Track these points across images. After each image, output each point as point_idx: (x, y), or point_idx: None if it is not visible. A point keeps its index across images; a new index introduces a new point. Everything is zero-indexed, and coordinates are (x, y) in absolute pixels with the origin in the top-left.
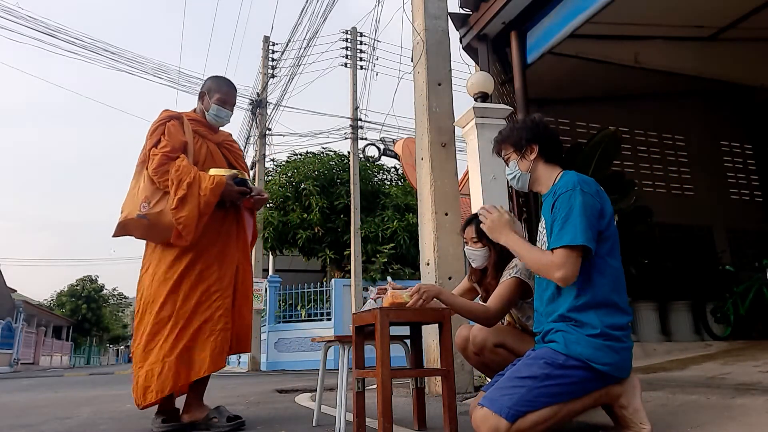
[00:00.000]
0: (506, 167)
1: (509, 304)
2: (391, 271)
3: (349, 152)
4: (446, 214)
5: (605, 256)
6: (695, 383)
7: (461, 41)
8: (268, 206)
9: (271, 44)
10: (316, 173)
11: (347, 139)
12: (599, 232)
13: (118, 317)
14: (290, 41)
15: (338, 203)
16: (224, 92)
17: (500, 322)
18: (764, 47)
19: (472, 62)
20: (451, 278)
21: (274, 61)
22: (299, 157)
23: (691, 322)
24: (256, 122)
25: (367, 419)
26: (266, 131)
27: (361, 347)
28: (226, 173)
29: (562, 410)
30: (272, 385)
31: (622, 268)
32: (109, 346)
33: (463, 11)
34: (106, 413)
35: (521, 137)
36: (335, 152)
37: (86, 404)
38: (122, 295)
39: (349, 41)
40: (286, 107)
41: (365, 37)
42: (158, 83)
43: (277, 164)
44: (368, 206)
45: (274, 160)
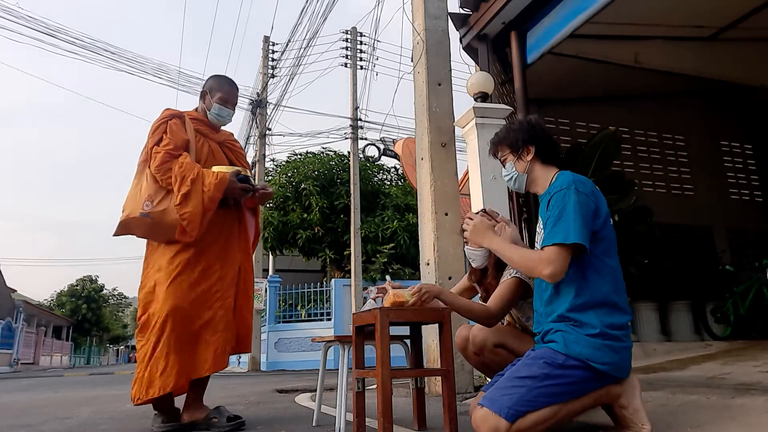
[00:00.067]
0: (503, 169)
1: (510, 304)
2: (391, 271)
3: (349, 152)
4: (446, 214)
5: (601, 255)
6: (695, 383)
7: (461, 41)
8: (268, 206)
9: (271, 44)
10: (316, 173)
11: (347, 139)
12: (594, 231)
13: (118, 317)
14: (290, 41)
15: (338, 203)
16: (226, 91)
17: (500, 322)
18: (764, 47)
19: (472, 62)
20: (451, 278)
21: (274, 61)
22: (299, 157)
23: (691, 322)
24: (256, 122)
25: (367, 419)
26: (266, 131)
27: (361, 347)
28: (229, 170)
29: (561, 410)
30: (272, 385)
31: (620, 267)
32: (109, 346)
33: (463, 11)
34: (106, 413)
35: (518, 138)
36: (335, 152)
37: (86, 404)
38: (122, 295)
39: (349, 41)
40: (286, 107)
41: (365, 37)
42: (158, 83)
43: (277, 164)
44: (368, 206)
45: (274, 160)
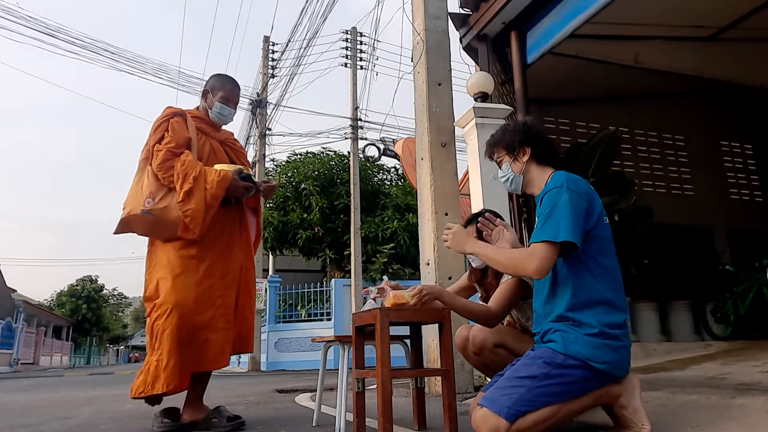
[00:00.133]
0: (499, 170)
1: (511, 304)
2: (391, 271)
3: (349, 152)
4: (446, 214)
5: (595, 255)
6: (695, 383)
7: (461, 41)
8: (268, 206)
9: (271, 44)
10: (316, 173)
11: (347, 139)
12: (587, 231)
13: (118, 317)
14: (290, 41)
15: (338, 203)
16: (228, 90)
17: (500, 322)
18: (764, 47)
19: (472, 62)
20: (450, 278)
21: (274, 61)
22: (299, 157)
23: (691, 322)
24: (256, 122)
25: (367, 419)
26: (266, 131)
27: (361, 347)
28: (231, 168)
29: (561, 410)
30: (272, 385)
31: (617, 266)
32: (109, 346)
33: (463, 11)
34: (106, 413)
35: (513, 140)
36: (335, 152)
37: (86, 404)
38: (122, 295)
39: (349, 41)
40: (286, 107)
41: (365, 37)
42: (158, 83)
43: (277, 164)
44: (368, 206)
45: (274, 160)
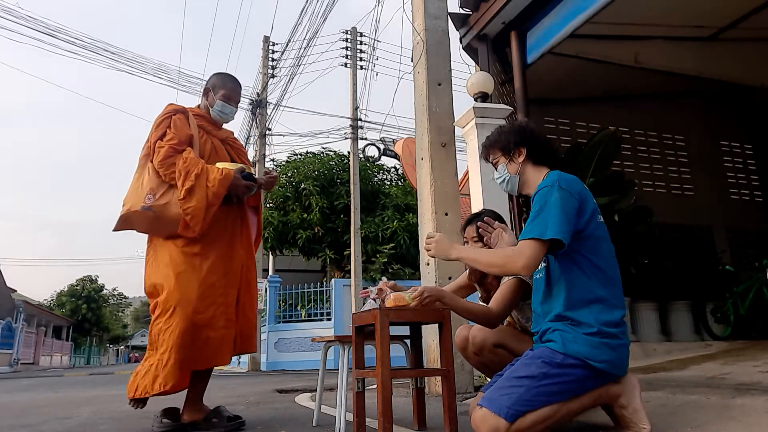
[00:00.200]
0: (495, 171)
1: (512, 305)
2: (391, 271)
3: (349, 152)
4: (446, 214)
5: (587, 254)
6: (695, 383)
7: (461, 41)
8: (268, 206)
9: (271, 44)
10: (316, 173)
11: (347, 139)
12: (579, 230)
13: (118, 317)
14: (290, 41)
15: (338, 203)
16: (229, 88)
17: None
18: (764, 47)
19: (472, 62)
20: (451, 278)
21: (274, 61)
22: (299, 157)
23: (691, 322)
24: (256, 122)
25: (367, 419)
26: (266, 131)
27: (361, 347)
28: (233, 167)
29: (561, 409)
30: (272, 385)
31: (613, 264)
32: (109, 346)
33: (463, 11)
34: (106, 413)
35: (509, 141)
36: (335, 152)
37: (86, 404)
38: (122, 295)
39: (349, 41)
40: (286, 107)
41: (365, 37)
42: (158, 83)
43: (277, 164)
44: (368, 206)
45: (274, 160)
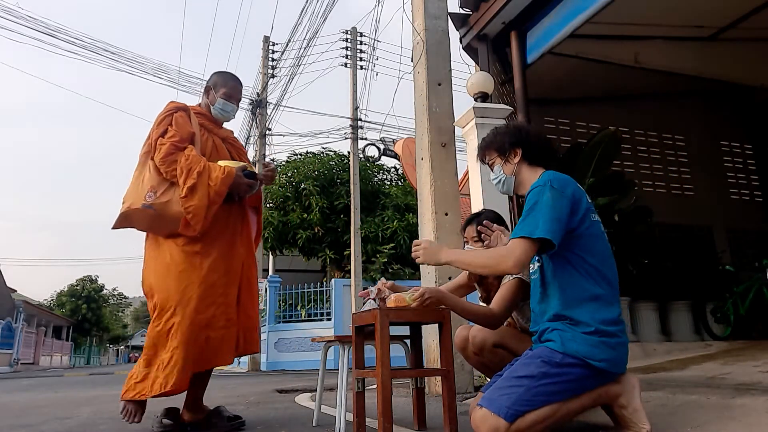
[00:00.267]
0: (491, 173)
1: (513, 305)
2: (391, 271)
3: (349, 152)
4: (446, 214)
5: (581, 253)
6: (695, 383)
7: (461, 41)
8: (268, 206)
9: (271, 44)
10: (316, 173)
11: (347, 139)
12: (572, 229)
13: (118, 317)
14: (290, 41)
15: (338, 203)
16: (230, 87)
17: None
18: (764, 47)
19: (472, 62)
20: (451, 278)
21: (274, 61)
22: (299, 157)
23: (691, 322)
24: (256, 122)
25: (367, 419)
26: (266, 131)
27: (361, 347)
28: (235, 165)
29: (561, 409)
30: (272, 385)
31: (609, 262)
32: (109, 346)
33: (463, 11)
34: (106, 413)
35: (504, 142)
36: (335, 152)
37: (86, 404)
38: (122, 295)
39: (349, 41)
40: (286, 107)
41: (365, 37)
42: (158, 83)
43: (277, 164)
44: (368, 206)
45: (274, 160)
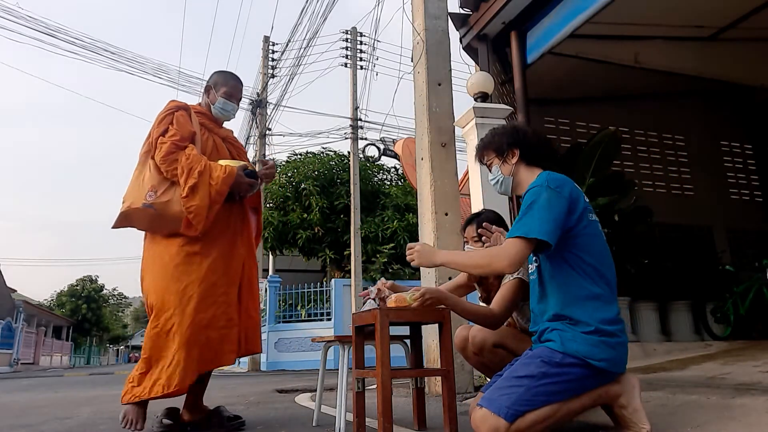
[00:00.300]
0: (489, 173)
1: (513, 305)
2: (391, 271)
3: (349, 152)
4: (446, 214)
5: (579, 252)
6: (695, 383)
7: (461, 41)
8: (268, 206)
9: (271, 44)
10: (316, 173)
11: (347, 139)
12: (569, 228)
13: (118, 317)
14: (290, 41)
15: (338, 203)
16: (231, 86)
17: None
18: (764, 47)
19: (472, 62)
20: (451, 278)
21: (274, 61)
22: (299, 157)
23: (691, 322)
24: (256, 122)
25: (367, 419)
26: (266, 131)
27: (361, 347)
28: (236, 164)
29: (561, 409)
30: (272, 385)
31: (606, 261)
32: (109, 346)
33: (463, 11)
34: (106, 413)
35: (502, 142)
36: (335, 152)
37: (86, 404)
38: (122, 295)
39: (349, 41)
40: (286, 107)
41: (365, 37)
42: (158, 83)
43: (277, 164)
44: (368, 206)
45: (274, 160)
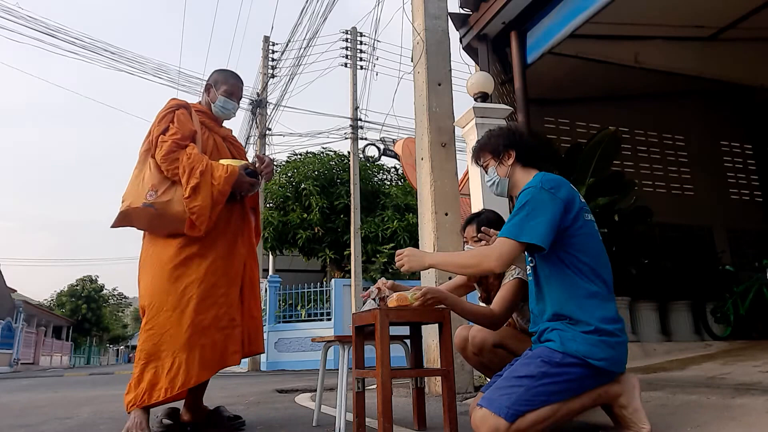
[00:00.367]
0: (485, 175)
1: (514, 305)
2: (391, 271)
3: (349, 152)
4: (446, 214)
5: (575, 252)
6: (695, 383)
7: (461, 41)
8: (268, 206)
9: (271, 44)
10: (316, 173)
11: (347, 139)
12: (564, 228)
13: (118, 317)
14: (290, 41)
15: (338, 203)
16: (231, 84)
17: None
18: (764, 47)
19: (472, 62)
20: (451, 278)
21: (274, 61)
22: (299, 157)
23: (691, 322)
24: (256, 122)
25: (367, 419)
26: (266, 131)
27: (361, 347)
28: (237, 164)
29: (561, 409)
30: (272, 385)
31: (603, 260)
32: (109, 346)
33: (463, 11)
34: (106, 413)
35: (498, 144)
36: (335, 152)
37: (86, 404)
38: (122, 295)
39: (349, 41)
40: (286, 107)
41: (365, 37)
42: (158, 83)
43: (277, 164)
44: (368, 206)
45: (274, 160)
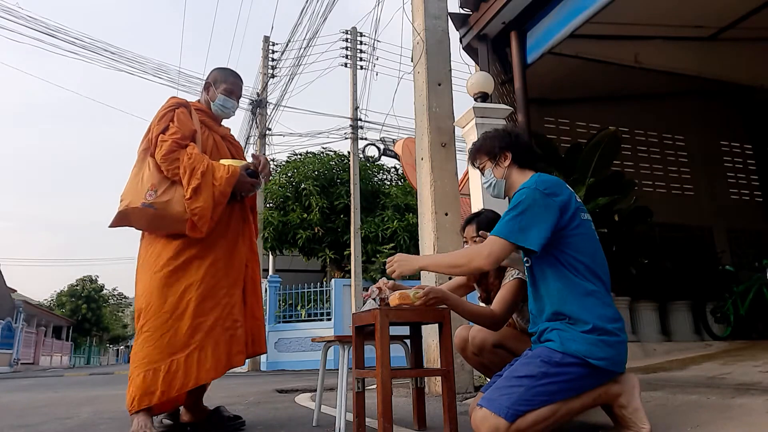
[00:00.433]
0: (482, 176)
1: (514, 305)
2: None
3: (349, 152)
4: (446, 214)
5: (571, 251)
6: (695, 383)
7: (461, 41)
8: (268, 206)
9: (271, 44)
10: (316, 173)
11: (347, 139)
12: (561, 228)
13: (118, 317)
14: (290, 41)
15: (338, 203)
16: (231, 82)
17: None
18: (764, 47)
19: (472, 62)
20: (451, 278)
21: (274, 61)
22: (299, 157)
23: (691, 322)
24: (256, 122)
25: (367, 419)
26: (266, 131)
27: (361, 347)
28: (238, 164)
29: (561, 409)
30: (272, 385)
31: (599, 260)
32: (109, 346)
33: (463, 11)
34: (106, 413)
35: (494, 145)
36: (335, 152)
37: (86, 404)
38: (122, 295)
39: (349, 41)
40: (286, 107)
41: (365, 37)
42: (158, 83)
43: (277, 164)
44: (368, 206)
45: (274, 160)
